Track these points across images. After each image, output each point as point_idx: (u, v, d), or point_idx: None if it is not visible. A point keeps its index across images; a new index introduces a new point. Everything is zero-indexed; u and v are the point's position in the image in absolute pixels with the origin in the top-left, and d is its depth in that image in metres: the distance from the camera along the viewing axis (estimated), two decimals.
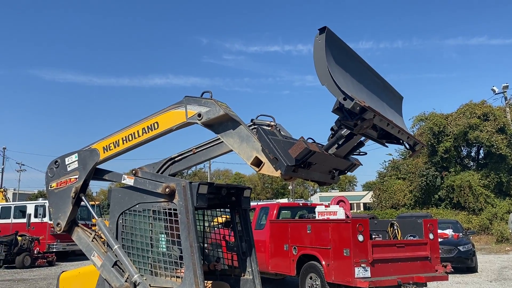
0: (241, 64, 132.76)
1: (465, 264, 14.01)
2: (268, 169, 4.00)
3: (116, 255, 4.66)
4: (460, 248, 14.06)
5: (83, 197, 5.04)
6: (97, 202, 27.60)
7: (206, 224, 5.74)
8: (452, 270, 9.12)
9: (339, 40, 3.80)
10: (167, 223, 4.57)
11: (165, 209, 4.55)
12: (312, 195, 75.42)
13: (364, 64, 4.40)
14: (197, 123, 4.34)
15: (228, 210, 5.49)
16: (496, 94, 34.37)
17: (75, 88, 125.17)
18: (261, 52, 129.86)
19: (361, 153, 4.64)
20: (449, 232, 15.02)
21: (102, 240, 5.00)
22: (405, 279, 8.26)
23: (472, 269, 14.24)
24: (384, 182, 36.15)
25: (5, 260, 17.37)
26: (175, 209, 4.47)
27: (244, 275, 5.16)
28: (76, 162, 5.00)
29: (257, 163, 4.08)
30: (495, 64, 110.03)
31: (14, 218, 20.59)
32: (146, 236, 4.68)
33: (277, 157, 3.89)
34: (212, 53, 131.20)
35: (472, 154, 35.04)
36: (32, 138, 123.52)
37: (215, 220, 5.74)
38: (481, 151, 34.12)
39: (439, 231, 12.67)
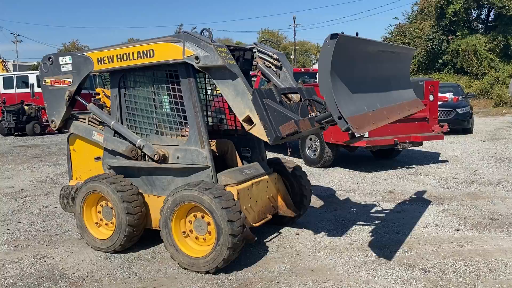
0: None
1: (461, 125, 14.43)
2: (258, 131, 4.02)
3: (114, 130, 4.82)
4: (458, 110, 14.33)
5: (78, 98, 5.15)
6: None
7: (209, 91, 5.77)
8: (448, 130, 9.43)
9: (351, 42, 3.54)
10: (168, 84, 4.59)
11: (166, 70, 4.53)
12: (314, 63, 74.60)
13: (376, 47, 4.19)
14: (193, 65, 4.19)
15: None
16: None
17: None
18: None
19: None
20: (449, 95, 15.17)
21: (98, 121, 5.19)
22: (402, 138, 8.60)
23: (468, 130, 14.72)
24: None
25: (15, 128, 17.98)
26: (175, 71, 4.45)
27: (247, 134, 5.34)
28: (70, 65, 5.00)
29: (249, 121, 4.06)
30: None
31: (18, 88, 20.74)
32: (149, 98, 4.75)
33: (267, 126, 3.91)
34: None
35: (482, 16, 33.71)
36: (25, 7, 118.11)
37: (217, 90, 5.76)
38: (491, 13, 32.76)
39: (440, 94, 12.80)
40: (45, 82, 5.22)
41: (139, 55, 4.47)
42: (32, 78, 20.21)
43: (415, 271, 4.09)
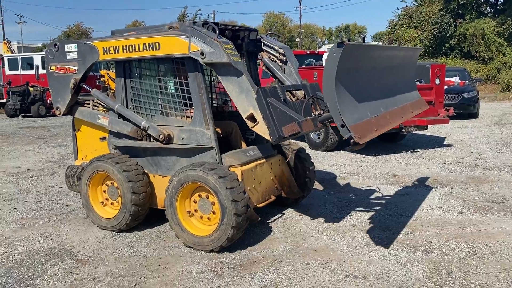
0: None
1: (467, 110, 14.33)
2: (261, 129, 4.08)
3: (119, 113, 4.84)
4: (465, 95, 14.22)
5: (83, 85, 5.17)
6: None
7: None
8: (454, 113, 9.38)
9: (356, 49, 3.57)
10: (173, 64, 4.58)
11: None
12: (320, 47, 74.01)
13: (382, 52, 4.23)
14: (199, 60, 4.19)
15: None
16: None
17: None
18: None
19: None
20: (455, 79, 15.03)
21: (102, 105, 5.20)
22: (407, 122, 8.56)
23: (474, 115, 14.63)
24: (395, 31, 35.01)
25: (21, 109, 18.06)
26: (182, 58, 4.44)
27: None
28: (76, 53, 5.00)
29: (252, 118, 4.10)
30: None
31: (23, 69, 20.74)
32: (154, 78, 4.75)
33: (270, 125, 3.97)
34: None
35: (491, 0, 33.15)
36: None
37: None
38: None
39: (446, 78, 12.69)
40: (50, 69, 5.23)
41: (144, 47, 4.46)
42: (37, 59, 20.17)
43: (418, 252, 4.12)
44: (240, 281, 3.62)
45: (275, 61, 5.20)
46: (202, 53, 4.14)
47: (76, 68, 5.02)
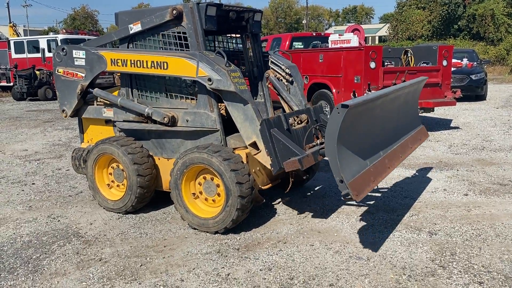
0: None
1: (475, 92, 14.20)
2: (263, 158, 4.11)
3: (122, 107, 4.86)
4: (472, 77, 14.07)
5: (90, 89, 5.15)
6: None
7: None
8: (461, 95, 9.30)
9: (360, 106, 3.54)
10: (177, 47, 4.56)
11: (174, 32, 4.50)
12: (326, 29, 73.25)
13: (387, 97, 4.15)
14: (206, 85, 4.19)
15: (239, 35, 5.40)
16: None
17: None
18: None
19: None
20: (463, 61, 14.85)
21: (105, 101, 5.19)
22: None
23: (481, 97, 14.50)
24: (403, 12, 34.54)
25: (27, 92, 18.10)
26: (184, 32, 4.42)
27: (256, 99, 5.34)
28: (84, 61, 5.01)
29: (255, 146, 4.14)
30: None
31: (29, 53, 20.74)
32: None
33: (272, 157, 4.00)
34: None
35: None
36: None
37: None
38: None
39: (454, 60, 12.55)
40: (57, 71, 5.24)
41: (152, 65, 4.45)
42: (43, 42, 20.15)
43: (422, 234, 4.14)
44: (244, 262, 3.66)
45: (281, 80, 5.24)
46: (209, 79, 4.15)
47: (83, 75, 5.04)
